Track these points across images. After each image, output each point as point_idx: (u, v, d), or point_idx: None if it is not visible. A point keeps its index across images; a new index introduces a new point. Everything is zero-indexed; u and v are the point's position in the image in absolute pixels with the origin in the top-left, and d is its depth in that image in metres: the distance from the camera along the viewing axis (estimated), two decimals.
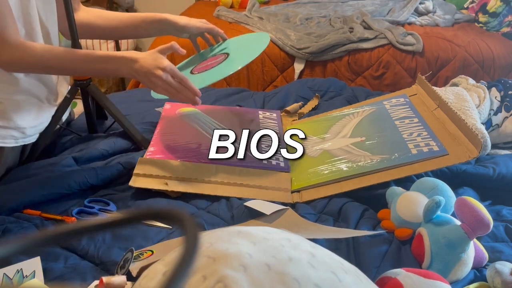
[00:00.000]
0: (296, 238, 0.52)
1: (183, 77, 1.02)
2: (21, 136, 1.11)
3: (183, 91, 1.02)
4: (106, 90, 3.02)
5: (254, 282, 0.44)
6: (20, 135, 1.10)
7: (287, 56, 2.31)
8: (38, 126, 1.15)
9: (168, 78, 1.00)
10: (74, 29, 1.09)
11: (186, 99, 1.04)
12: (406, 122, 1.15)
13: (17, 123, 1.08)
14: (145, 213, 0.31)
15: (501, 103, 1.27)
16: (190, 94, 1.03)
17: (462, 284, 0.80)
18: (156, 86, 1.02)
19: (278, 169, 1.10)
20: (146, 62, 1.01)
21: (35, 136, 1.15)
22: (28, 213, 0.95)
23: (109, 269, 0.81)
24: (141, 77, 1.02)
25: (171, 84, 1.01)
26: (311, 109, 1.43)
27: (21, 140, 1.11)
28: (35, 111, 1.13)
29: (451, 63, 2.25)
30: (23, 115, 1.10)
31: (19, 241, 0.28)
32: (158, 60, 1.01)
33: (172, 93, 1.03)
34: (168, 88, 1.02)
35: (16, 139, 1.10)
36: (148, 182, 1.02)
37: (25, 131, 1.11)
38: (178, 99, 1.05)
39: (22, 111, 1.10)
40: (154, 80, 1.01)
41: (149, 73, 1.00)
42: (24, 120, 1.10)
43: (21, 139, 1.11)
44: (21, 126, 1.09)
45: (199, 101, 1.04)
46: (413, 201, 0.91)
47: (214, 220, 0.94)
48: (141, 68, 1.01)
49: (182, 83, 1.02)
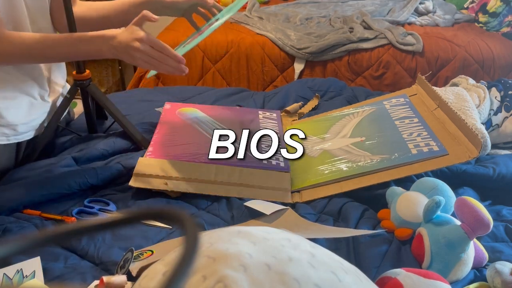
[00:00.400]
0: (296, 238, 0.52)
1: (163, 45, 0.97)
2: (13, 134, 1.10)
3: (165, 60, 0.98)
4: (106, 90, 3.02)
5: (254, 282, 0.44)
6: (11, 132, 1.09)
7: (287, 56, 2.31)
8: (30, 123, 1.14)
9: (147, 49, 0.96)
10: (73, 27, 1.09)
11: (171, 68, 0.99)
12: (406, 122, 1.15)
13: (8, 120, 1.08)
14: (145, 213, 0.31)
15: (501, 103, 1.27)
16: (173, 62, 0.98)
17: (462, 284, 0.80)
18: (136, 59, 0.98)
19: (278, 169, 1.10)
20: (123, 36, 0.97)
21: (28, 133, 1.14)
22: (28, 213, 0.95)
23: (109, 269, 0.81)
24: (121, 53, 0.98)
25: (151, 54, 0.97)
26: (311, 109, 1.43)
27: (13, 137, 1.11)
28: (27, 108, 1.12)
29: (451, 63, 2.25)
30: (14, 112, 1.09)
31: (19, 241, 0.28)
32: (134, 32, 0.97)
33: (154, 64, 0.99)
34: (149, 59, 0.97)
35: (7, 136, 1.09)
36: (148, 182, 1.02)
37: (17, 128, 1.10)
38: (162, 70, 1.00)
39: (12, 108, 1.09)
40: (133, 53, 0.97)
41: (128, 47, 0.96)
42: (15, 117, 1.09)
43: (13, 137, 1.10)
44: (12, 123, 1.09)
45: (185, 68, 0.99)
46: (413, 201, 0.91)
47: (214, 220, 0.94)
48: (119, 43, 0.97)
49: (163, 52, 0.97)
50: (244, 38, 2.35)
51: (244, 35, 2.37)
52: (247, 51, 2.32)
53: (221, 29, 2.47)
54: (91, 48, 1.01)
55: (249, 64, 2.33)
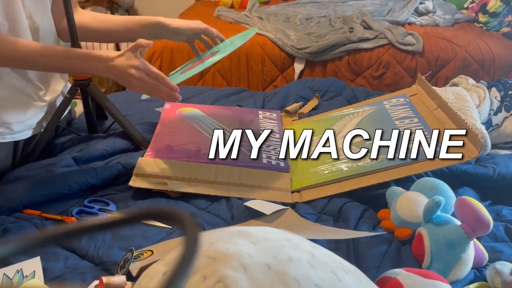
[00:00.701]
0: (296, 238, 0.52)
1: (157, 73, 1.01)
2: (8, 132, 1.10)
3: (159, 87, 1.01)
4: (106, 90, 3.02)
5: (254, 282, 0.44)
6: (7, 131, 1.09)
7: (287, 56, 2.31)
8: (26, 122, 1.14)
9: (142, 76, 1.00)
10: (73, 30, 1.09)
11: (164, 95, 1.03)
12: (406, 122, 1.15)
13: (2, 119, 1.08)
14: (145, 213, 0.31)
15: (501, 103, 1.27)
16: (166, 90, 1.02)
17: (462, 284, 0.80)
18: (131, 85, 1.02)
19: (278, 169, 1.10)
20: (120, 61, 1.00)
21: (24, 132, 1.14)
22: (28, 213, 0.95)
23: (109, 269, 0.81)
24: (116, 76, 1.02)
25: (146, 81, 1.00)
26: (311, 109, 1.43)
27: (9, 136, 1.11)
28: (22, 107, 1.12)
29: (451, 63, 2.25)
30: (8, 111, 1.09)
31: (19, 241, 0.28)
32: (130, 59, 1.00)
33: (148, 90, 1.03)
34: (144, 85, 1.01)
35: (3, 135, 1.09)
36: (148, 182, 1.02)
37: (12, 126, 1.10)
38: (156, 96, 1.04)
39: (6, 106, 1.09)
40: (128, 79, 1.00)
41: (123, 72, 1.00)
42: (9, 116, 1.09)
43: (9, 135, 1.10)
44: (6, 122, 1.09)
45: (179, 96, 1.03)
46: (413, 201, 0.91)
47: (214, 220, 0.94)
48: (115, 67, 1.00)
49: (158, 80, 1.01)
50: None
51: None
52: (247, 51, 2.32)
53: (221, 29, 2.47)
54: (87, 65, 1.03)
55: (249, 64, 2.33)
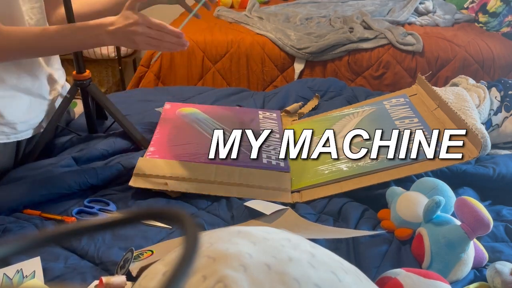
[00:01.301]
0: (296, 238, 0.52)
1: (159, 23, 0.99)
2: (13, 132, 1.10)
3: (164, 37, 0.99)
4: (106, 90, 3.02)
5: (254, 282, 0.44)
6: (11, 131, 1.10)
7: (287, 56, 2.31)
8: (30, 121, 1.14)
9: (145, 30, 0.97)
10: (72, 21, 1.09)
11: (172, 45, 1.00)
12: (406, 122, 1.15)
13: (7, 119, 1.08)
14: (145, 213, 0.31)
15: (501, 103, 1.27)
16: (173, 38, 0.99)
17: (462, 284, 0.80)
18: (137, 43, 0.99)
19: (278, 169, 1.10)
20: (120, 22, 0.98)
21: (27, 132, 1.14)
22: (28, 213, 0.95)
23: (109, 269, 0.81)
24: (120, 38, 0.99)
25: (150, 34, 0.98)
26: (311, 109, 1.43)
27: (13, 136, 1.11)
28: (26, 106, 1.12)
29: (451, 63, 2.25)
30: (13, 111, 1.09)
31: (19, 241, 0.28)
32: (129, 17, 0.97)
33: (155, 44, 1.00)
34: (149, 40, 0.99)
35: (7, 135, 1.09)
36: (148, 182, 1.02)
37: (16, 126, 1.10)
38: (163, 48, 1.01)
39: (11, 106, 1.09)
40: (132, 37, 0.98)
41: (126, 31, 0.98)
42: (14, 116, 1.09)
43: (13, 135, 1.11)
44: (11, 122, 1.09)
45: (186, 42, 1.01)
46: (413, 201, 0.91)
47: (214, 220, 0.94)
48: (117, 29, 0.98)
49: (161, 30, 0.99)
50: (244, 38, 2.35)
51: (244, 35, 2.37)
52: (247, 51, 2.32)
53: (222, 29, 2.47)
54: (90, 36, 1.01)
55: (249, 64, 2.33)
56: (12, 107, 1.09)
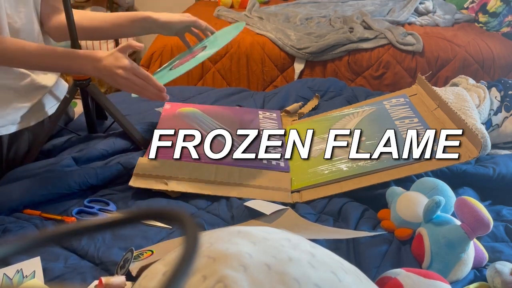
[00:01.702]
0: (296, 238, 0.52)
1: (145, 74, 1.03)
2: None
3: (146, 87, 1.03)
4: (106, 90, 3.02)
5: (254, 282, 0.44)
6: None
7: (287, 56, 2.31)
8: (6, 117, 1.13)
9: (130, 76, 1.01)
10: (73, 30, 1.09)
11: (152, 95, 1.04)
12: (406, 122, 1.15)
13: None
14: (145, 213, 0.31)
15: (501, 103, 1.27)
16: (154, 90, 1.04)
17: (462, 284, 0.80)
18: (120, 85, 1.03)
19: (278, 169, 1.10)
20: (108, 61, 1.01)
21: (7, 127, 1.13)
22: (28, 213, 0.95)
23: (109, 269, 0.81)
24: (104, 76, 1.03)
25: (134, 81, 1.02)
26: (311, 109, 1.43)
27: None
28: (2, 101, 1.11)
29: (451, 63, 2.25)
30: None
31: (19, 241, 0.28)
32: (119, 60, 1.01)
33: (136, 91, 1.04)
34: (132, 85, 1.03)
35: None
36: (148, 182, 1.02)
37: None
38: (144, 96, 1.06)
39: None
40: (117, 79, 1.02)
41: (112, 73, 1.01)
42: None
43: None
44: None
45: (166, 96, 1.05)
46: (413, 201, 0.91)
47: (214, 220, 0.94)
48: (104, 68, 1.01)
49: (145, 80, 1.03)
50: (244, 38, 2.35)
51: (244, 35, 2.37)
52: (247, 51, 2.32)
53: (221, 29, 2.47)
54: (75, 65, 1.04)
55: (249, 64, 2.33)
56: None
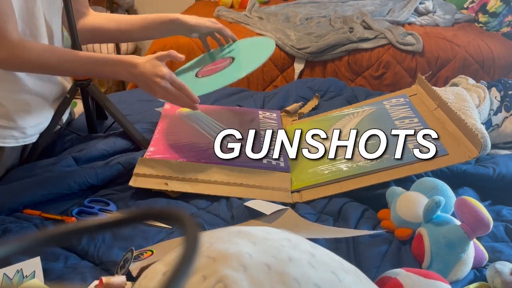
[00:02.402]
0: (296, 238, 0.52)
1: (181, 84, 1.04)
2: (22, 136, 1.11)
3: (181, 98, 1.05)
4: (106, 90, 3.02)
5: (254, 282, 0.44)
6: (20, 135, 1.10)
7: (287, 56, 2.31)
8: (39, 126, 1.15)
9: (167, 85, 1.03)
10: (74, 31, 1.09)
11: (185, 104, 1.07)
12: (406, 122, 1.15)
13: (18, 123, 1.09)
14: (145, 213, 0.31)
15: (501, 103, 1.27)
16: (188, 101, 1.05)
17: (462, 284, 0.80)
18: (155, 93, 1.04)
19: (278, 169, 1.10)
20: (146, 68, 1.02)
21: (35, 136, 1.15)
22: (28, 213, 0.95)
23: (109, 269, 0.81)
24: (140, 82, 1.04)
25: (170, 91, 1.03)
26: (311, 109, 1.43)
27: (22, 140, 1.11)
28: (37, 111, 1.13)
29: (451, 63, 2.25)
30: (25, 115, 1.10)
31: (19, 241, 0.28)
32: (157, 68, 1.02)
33: (170, 99, 1.06)
34: (167, 94, 1.04)
35: (16, 139, 1.10)
36: (148, 182, 1.02)
37: (26, 131, 1.11)
38: (177, 104, 1.09)
39: (24, 111, 1.10)
40: (153, 87, 1.03)
41: (149, 80, 1.02)
42: (25, 120, 1.10)
43: (22, 139, 1.11)
44: (22, 126, 1.09)
45: (198, 107, 1.07)
46: (413, 201, 0.91)
47: (214, 220, 0.94)
48: (141, 74, 1.02)
49: (181, 90, 1.04)
50: (244, 38, 2.35)
51: (244, 35, 2.37)
52: None
53: None
54: (109, 70, 1.05)
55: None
56: (25, 112, 1.10)
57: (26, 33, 1.05)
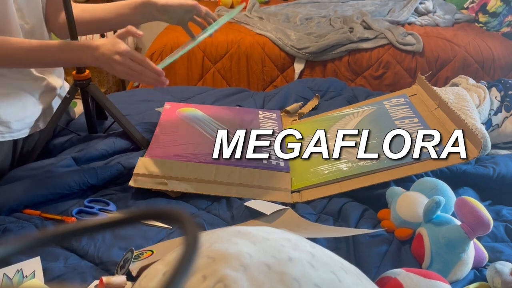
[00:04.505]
0: (296, 238, 0.52)
1: (142, 58, 1.01)
2: (7, 131, 1.10)
3: (144, 72, 1.01)
4: (106, 90, 3.02)
5: (254, 282, 0.44)
6: (5, 129, 1.09)
7: (287, 56, 2.31)
8: (25, 120, 1.14)
9: (127, 62, 0.99)
10: (73, 29, 1.09)
11: (151, 79, 1.02)
12: (406, 122, 1.15)
13: (1, 117, 1.08)
14: (145, 213, 0.31)
15: (501, 103, 1.27)
16: (152, 75, 1.01)
17: (462, 284, 0.80)
18: (117, 72, 1.01)
19: (278, 169, 1.10)
20: (106, 48, 1.00)
21: (24, 131, 1.14)
22: (28, 213, 0.95)
23: (109, 269, 0.81)
24: (102, 64, 1.01)
25: (131, 67, 1.00)
26: (311, 109, 1.43)
27: (8, 135, 1.11)
28: (20, 105, 1.12)
29: (451, 63, 2.25)
30: (7, 109, 1.09)
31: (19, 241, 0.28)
32: (116, 45, 1.00)
33: (134, 76, 1.02)
34: (129, 71, 1.01)
35: (2, 133, 1.09)
36: (148, 182, 1.02)
37: (10, 125, 1.10)
38: (142, 82, 1.04)
39: (6, 105, 1.09)
40: (113, 65, 1.00)
41: (109, 59, 1.00)
42: (8, 114, 1.09)
43: (8, 134, 1.10)
44: (5, 120, 1.09)
45: (165, 80, 1.03)
46: (413, 201, 0.91)
47: (214, 220, 0.94)
48: (101, 55, 1.00)
49: (143, 65, 1.00)
50: (244, 38, 2.35)
51: (244, 35, 2.37)
52: (247, 51, 2.32)
53: (222, 29, 2.47)
54: (74, 56, 1.03)
55: (249, 64, 2.33)
56: (6, 106, 1.09)
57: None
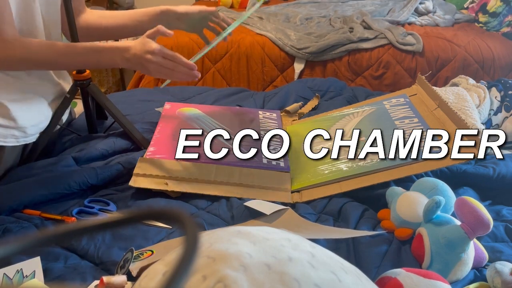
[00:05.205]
0: (296, 238, 0.52)
1: (173, 54, 1.02)
2: (22, 136, 1.11)
3: (177, 68, 1.02)
4: (106, 90, 3.02)
5: (254, 282, 0.44)
6: (21, 134, 1.10)
7: (287, 56, 2.31)
8: (39, 125, 1.15)
9: (159, 59, 1.01)
10: (74, 29, 1.09)
11: (183, 75, 1.03)
12: (406, 122, 1.15)
13: (19, 123, 1.08)
14: (145, 213, 0.31)
15: (501, 103, 1.27)
16: (185, 69, 1.03)
17: (462, 284, 0.80)
18: (150, 71, 1.02)
19: (278, 169, 1.10)
20: (137, 49, 1.01)
21: (35, 135, 1.15)
22: (28, 213, 0.95)
23: (109, 269, 0.81)
24: (134, 65, 1.03)
25: (164, 64, 1.01)
26: (311, 109, 1.43)
27: (22, 139, 1.11)
28: (37, 110, 1.13)
29: (451, 63, 2.25)
30: (25, 115, 1.10)
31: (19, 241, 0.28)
32: (146, 45, 1.01)
33: (167, 74, 1.03)
34: (162, 69, 1.02)
35: (17, 138, 1.10)
36: (148, 182, 1.02)
37: (26, 130, 1.11)
38: (174, 78, 1.05)
39: (23, 110, 1.09)
40: (146, 64, 1.01)
41: (141, 59, 1.01)
42: (25, 119, 1.10)
43: (22, 139, 1.11)
44: (22, 126, 1.09)
45: (198, 73, 1.04)
46: (413, 201, 0.91)
47: (214, 220, 0.94)
48: (133, 56, 1.01)
49: (175, 60, 1.02)
50: (244, 38, 2.35)
51: (244, 35, 2.37)
52: (247, 51, 2.32)
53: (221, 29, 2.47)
54: (105, 58, 1.04)
55: (249, 64, 2.33)
56: (25, 111, 1.10)
57: (24, 32, 1.04)
